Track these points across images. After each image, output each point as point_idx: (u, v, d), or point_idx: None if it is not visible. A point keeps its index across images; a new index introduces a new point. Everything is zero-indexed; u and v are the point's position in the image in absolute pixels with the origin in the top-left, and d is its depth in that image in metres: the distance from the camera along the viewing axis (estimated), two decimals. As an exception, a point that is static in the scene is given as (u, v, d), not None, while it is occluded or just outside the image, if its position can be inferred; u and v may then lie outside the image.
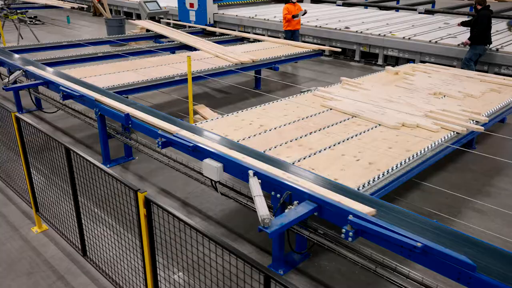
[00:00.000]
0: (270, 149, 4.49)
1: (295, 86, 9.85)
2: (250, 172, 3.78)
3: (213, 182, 4.47)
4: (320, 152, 4.44)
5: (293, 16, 11.35)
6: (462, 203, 5.25)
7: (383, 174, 4.01)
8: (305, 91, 8.18)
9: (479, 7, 9.12)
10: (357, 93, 6.37)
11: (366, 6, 19.53)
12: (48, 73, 6.70)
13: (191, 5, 15.40)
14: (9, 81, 6.39)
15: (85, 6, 20.88)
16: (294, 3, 11.50)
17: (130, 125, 5.24)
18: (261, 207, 3.23)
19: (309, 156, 4.34)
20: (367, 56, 12.18)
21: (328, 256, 4.27)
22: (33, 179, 4.44)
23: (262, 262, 4.21)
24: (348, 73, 11.30)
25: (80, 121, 7.08)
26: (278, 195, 3.71)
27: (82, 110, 6.99)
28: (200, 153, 4.34)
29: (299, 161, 4.24)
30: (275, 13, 15.06)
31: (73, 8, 19.45)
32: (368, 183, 3.85)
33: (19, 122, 4.17)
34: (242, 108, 8.73)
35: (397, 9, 17.86)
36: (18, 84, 6.54)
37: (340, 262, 4.18)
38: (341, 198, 3.37)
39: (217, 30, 12.94)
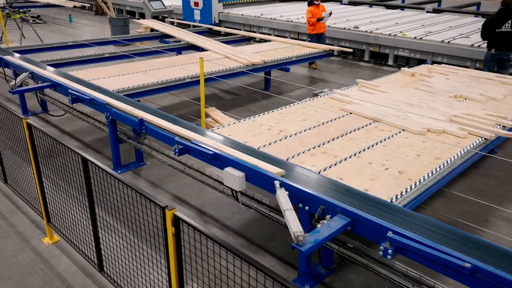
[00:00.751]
0: (293, 157, 4.28)
1: (305, 88, 9.64)
2: (277, 183, 3.58)
3: (233, 192, 4.26)
4: (345, 160, 4.23)
5: (318, 20, 10.74)
6: (488, 211, 5.05)
7: (415, 185, 3.81)
8: (318, 93, 8.00)
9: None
10: (376, 96, 6.16)
11: (371, 5, 19.31)
12: (56, 75, 6.48)
13: (196, 4, 15.17)
14: (15, 83, 6.17)
15: (87, 5, 20.65)
16: (317, 5, 10.91)
17: (143, 131, 5.03)
18: (293, 222, 3.03)
19: (335, 164, 4.14)
20: (376, 56, 11.96)
21: (355, 270, 4.07)
22: (45, 189, 4.22)
23: (286, 276, 4.04)
24: (358, 73, 11.09)
25: (87, 124, 6.88)
26: (307, 208, 3.51)
27: (89, 112, 6.79)
28: (220, 161, 4.14)
29: (324, 170, 4.04)
30: (281, 12, 14.85)
31: (75, 7, 19.23)
32: (401, 194, 3.65)
33: (30, 129, 3.96)
34: (252, 110, 8.59)
35: (402, 8, 17.66)
36: (25, 87, 6.32)
37: (368, 276, 3.98)
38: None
39: (224, 29, 12.72)
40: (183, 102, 8.64)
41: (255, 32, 14.07)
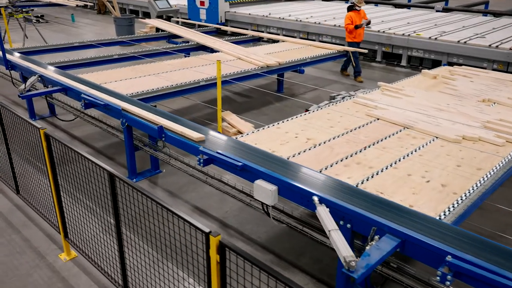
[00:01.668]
0: (326, 168, 4.03)
1: (319, 89, 9.39)
2: (315, 199, 3.33)
3: (264, 206, 4.01)
4: (382, 171, 3.98)
5: (356, 27, 9.96)
6: (526, 222, 4.81)
7: (461, 199, 3.56)
8: (335, 96, 7.74)
9: None
10: (401, 101, 5.91)
11: (376, 3, 19.05)
12: (67, 79, 6.21)
13: (202, 3, 14.90)
14: (25, 88, 5.90)
15: (90, 4, 20.35)
16: (358, 10, 10.04)
17: (163, 139, 4.77)
18: (343, 246, 2.77)
19: (372, 176, 3.89)
20: (388, 57, 11.71)
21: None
22: (63, 202, 3.97)
23: (322, 296, 3.79)
24: (371, 74, 10.85)
25: (97, 128, 6.62)
26: (349, 225, 3.26)
27: (98, 116, 6.52)
28: (249, 173, 3.88)
29: (362, 183, 3.78)
30: (289, 12, 14.59)
31: (78, 6, 18.93)
32: (448, 210, 3.40)
33: (48, 140, 3.70)
34: (266, 113, 8.34)
35: (409, 6, 17.39)
36: (35, 92, 6.06)
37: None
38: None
39: (233, 30, 12.46)
40: (195, 105, 8.38)
41: (262, 31, 13.81)
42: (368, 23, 10.25)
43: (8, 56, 7.45)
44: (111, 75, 7.06)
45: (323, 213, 3.14)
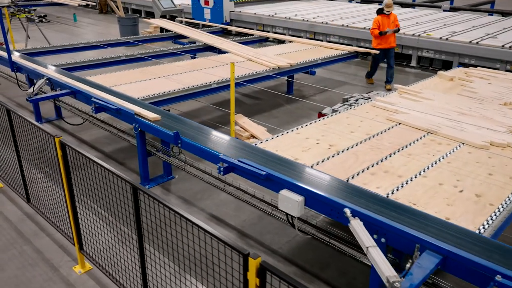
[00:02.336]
0: (353, 177, 3.86)
1: (329, 91, 9.21)
2: (347, 212, 3.17)
3: (289, 217, 3.85)
4: (411, 180, 3.81)
5: (380, 33, 9.14)
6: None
7: (498, 211, 3.39)
8: (348, 99, 7.57)
9: None
10: (421, 104, 5.75)
11: (380, 2, 18.87)
12: (76, 82, 6.04)
13: (206, 2, 14.71)
14: (33, 91, 5.72)
15: (93, 3, 20.15)
16: (387, 14, 9.21)
17: (179, 145, 4.60)
18: (384, 264, 2.61)
19: (401, 186, 3.72)
20: (397, 57, 11.51)
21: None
22: (79, 214, 3.79)
23: (351, 311, 3.62)
24: (380, 75, 10.66)
25: (105, 132, 6.43)
26: (383, 240, 3.09)
27: (106, 119, 6.34)
28: (273, 182, 3.72)
29: (393, 193, 3.62)
30: (295, 11, 14.40)
31: (80, 5, 18.74)
32: (487, 223, 3.24)
33: (64, 148, 3.53)
34: (277, 116, 8.17)
35: (413, 6, 17.19)
36: (43, 95, 5.87)
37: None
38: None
39: (240, 30, 12.28)
40: (204, 108, 8.20)
41: (268, 31, 13.62)
42: (396, 31, 9.35)
43: (14, 57, 7.25)
44: (120, 77, 6.88)
45: (359, 228, 2.98)
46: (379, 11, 9.34)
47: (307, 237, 4.23)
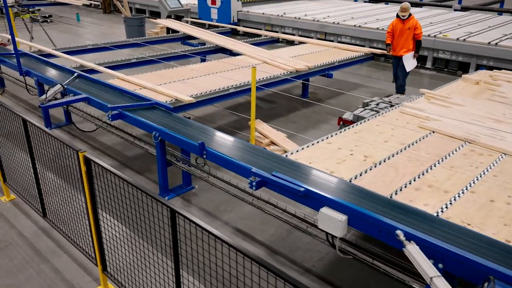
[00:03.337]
0: (396, 193, 3.60)
1: (345, 93, 8.96)
2: (400, 234, 2.91)
3: (329, 236, 3.59)
4: (459, 196, 3.56)
5: (387, 45, 8.30)
6: None
7: (560, 231, 3.14)
8: (368, 103, 7.31)
9: None
10: (452, 110, 5.49)
11: (387, 2, 18.62)
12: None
13: (213, 2, 14.44)
14: (46, 97, 5.45)
15: (97, 3, 19.86)
16: (403, 19, 8.01)
17: (204, 156, 4.34)
18: (455, 299, 2.35)
19: (450, 203, 3.46)
20: (411, 58, 11.25)
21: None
22: (103, 234, 3.53)
23: None
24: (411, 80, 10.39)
25: (118, 138, 6.15)
26: (441, 266, 2.84)
27: (118, 125, 6.07)
28: (312, 199, 3.46)
29: (442, 211, 3.36)
30: (304, 11, 14.14)
31: (84, 5, 18.46)
32: (552, 246, 2.98)
33: (89, 164, 3.26)
34: (294, 121, 7.90)
35: (421, 5, 16.90)
36: (57, 102, 5.60)
37: None
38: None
39: (251, 31, 12.02)
40: (218, 112, 7.94)
41: (277, 32, 13.35)
42: (414, 56, 8.17)
43: (22, 61, 6.98)
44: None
45: (418, 255, 2.72)
46: (398, 15, 8.30)
47: (334, 252, 3.99)
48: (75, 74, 6.40)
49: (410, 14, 8.11)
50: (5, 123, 4.58)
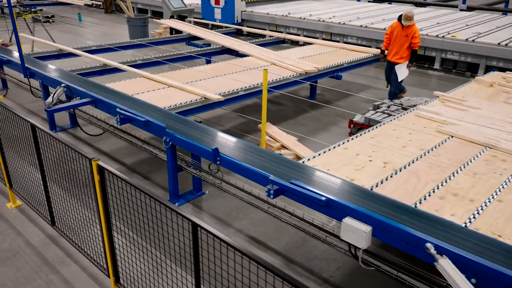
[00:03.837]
0: (420, 202, 3.47)
1: (353, 95, 8.81)
2: (431, 248, 2.78)
3: (352, 248, 3.46)
4: (486, 206, 3.43)
5: (382, 51, 8.11)
6: None
7: None
8: (379, 105, 7.19)
9: None
10: (469, 114, 5.37)
11: (390, 1, 18.48)
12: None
13: (217, 2, 14.29)
14: (52, 101, 5.31)
15: (97, 3, 19.71)
16: (403, 25, 7.62)
17: (218, 162, 4.20)
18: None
19: (477, 213, 3.33)
20: (418, 59, 11.11)
21: None
22: (116, 245, 3.40)
23: None
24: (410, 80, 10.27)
25: (124, 141, 6.02)
26: (474, 280, 2.71)
27: (124, 128, 5.93)
28: (334, 209, 3.33)
29: (470, 221, 3.23)
30: (309, 11, 14.00)
31: (86, 5, 18.30)
32: None
33: (102, 173, 3.13)
34: (303, 123, 7.76)
35: (424, 5, 16.75)
36: (63, 105, 5.46)
37: None
38: None
39: (257, 31, 11.87)
40: (225, 114, 7.80)
41: (281, 32, 13.20)
42: (408, 67, 7.86)
43: (27, 63, 6.84)
44: (141, 84, 6.48)
45: (451, 271, 2.59)
46: (400, 17, 7.83)
47: (352, 260, 3.87)
48: (76, 75, 6.27)
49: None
50: (12, 128, 4.44)
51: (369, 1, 17.63)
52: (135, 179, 5.62)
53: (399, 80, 7.94)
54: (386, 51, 8.08)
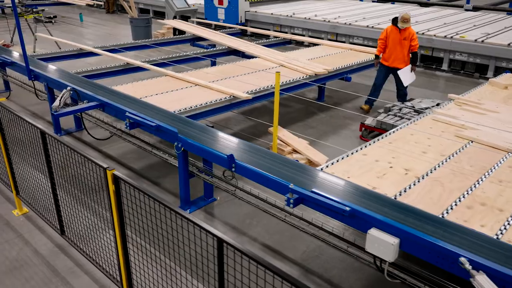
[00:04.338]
0: (447, 212, 3.34)
1: (361, 97, 8.66)
2: (466, 263, 2.65)
3: (377, 260, 3.32)
4: (516, 215, 3.30)
5: (376, 57, 7.69)
6: None
7: None
8: (391, 108, 7.06)
9: None
10: (487, 117, 5.24)
11: (393, 1, 18.35)
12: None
13: (220, 2, 14.15)
14: (59, 104, 5.17)
15: (99, 3, 19.56)
16: (400, 29, 7.27)
17: (233, 169, 4.07)
18: None
19: (508, 224, 3.20)
20: (426, 60, 11.00)
21: None
22: (130, 257, 3.26)
23: None
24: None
25: (131, 145, 5.87)
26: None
27: (132, 131, 5.78)
28: (359, 219, 3.19)
29: (502, 233, 3.10)
30: (313, 11, 13.86)
31: (88, 5, 18.15)
32: None
33: (117, 183, 2.99)
34: (313, 126, 7.62)
35: (427, 5, 16.60)
36: (71, 109, 5.32)
37: None
38: None
39: (260, 31, 11.73)
40: (232, 117, 7.66)
41: (286, 32, 13.06)
42: (411, 70, 7.52)
43: (31, 65, 6.70)
44: (149, 87, 6.34)
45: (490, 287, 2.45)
46: (394, 21, 7.43)
47: (372, 270, 3.74)
48: (81, 77, 6.13)
49: None
50: (18, 132, 4.30)
51: (373, 1, 17.49)
52: (144, 184, 5.48)
53: (405, 85, 7.72)
54: (379, 57, 7.67)
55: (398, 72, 7.52)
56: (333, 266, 4.11)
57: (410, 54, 7.55)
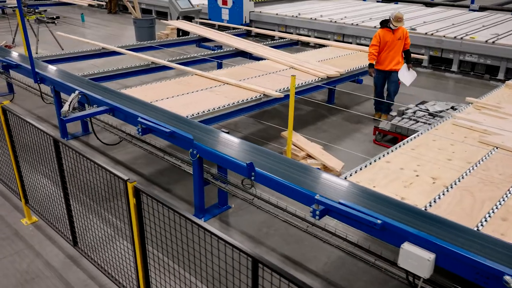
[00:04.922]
0: (482, 225, 3.19)
1: (372, 100, 8.51)
2: (511, 282, 2.49)
3: (410, 276, 3.17)
4: (555, 228, 3.15)
5: (370, 65, 7.18)
6: None
7: None
8: (405, 111, 6.92)
9: None
10: (509, 122, 5.09)
11: (396, 1, 18.20)
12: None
13: (224, 2, 13.99)
14: (69, 109, 5.00)
15: (101, 3, 19.39)
16: (393, 29, 7.02)
17: (252, 178, 3.91)
18: None
19: (548, 237, 3.05)
20: (435, 61, 10.85)
21: None
22: (151, 272, 3.10)
23: None
24: (420, 81, 9.98)
25: (140, 150, 5.72)
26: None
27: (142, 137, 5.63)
28: (391, 233, 3.04)
29: (542, 248, 2.94)
30: (319, 11, 13.71)
31: (90, 5, 17.96)
32: None
33: (139, 196, 2.83)
34: (325, 130, 7.46)
35: (431, 5, 16.45)
36: (80, 114, 5.15)
37: None
38: None
39: (267, 32, 11.60)
40: (241, 120, 7.50)
41: (291, 33, 12.90)
42: (408, 68, 7.21)
43: (36, 67, 6.53)
44: (159, 90, 6.18)
45: (542, 310, 2.30)
46: (383, 24, 7.16)
47: (396, 282, 3.59)
48: (88, 80, 5.97)
49: None
50: (27, 138, 4.14)
51: (377, 1, 17.34)
52: (155, 191, 5.32)
53: (408, 85, 7.44)
54: (373, 65, 7.22)
55: (398, 75, 7.19)
56: (357, 279, 3.96)
57: (403, 53, 7.33)
